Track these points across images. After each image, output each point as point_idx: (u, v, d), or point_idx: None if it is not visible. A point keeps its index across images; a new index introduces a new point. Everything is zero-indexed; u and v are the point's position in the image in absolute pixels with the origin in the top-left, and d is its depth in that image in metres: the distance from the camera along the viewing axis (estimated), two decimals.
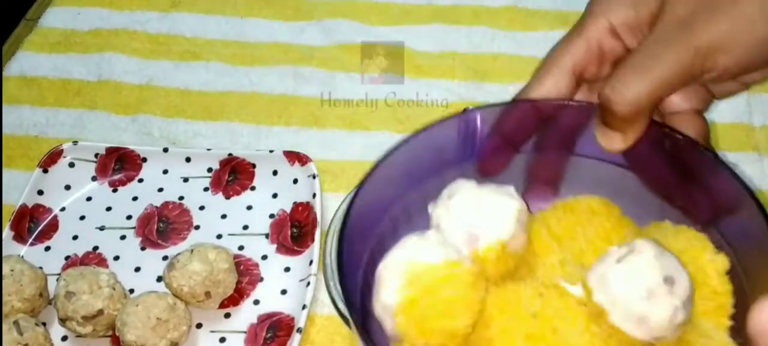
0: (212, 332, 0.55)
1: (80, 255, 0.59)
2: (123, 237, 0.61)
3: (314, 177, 0.61)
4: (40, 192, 0.62)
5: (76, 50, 0.75)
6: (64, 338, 0.55)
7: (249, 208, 0.62)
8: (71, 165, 0.63)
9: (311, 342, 0.55)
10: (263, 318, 0.56)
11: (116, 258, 0.59)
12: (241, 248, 0.60)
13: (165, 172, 0.64)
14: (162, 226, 0.61)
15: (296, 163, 0.62)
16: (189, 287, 0.54)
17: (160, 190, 0.63)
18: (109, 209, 0.62)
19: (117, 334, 0.52)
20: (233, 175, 0.64)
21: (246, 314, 0.56)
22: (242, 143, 0.67)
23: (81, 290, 0.53)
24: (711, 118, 0.67)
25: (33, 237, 0.60)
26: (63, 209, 0.62)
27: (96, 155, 0.64)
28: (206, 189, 0.63)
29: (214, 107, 0.70)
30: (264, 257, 0.59)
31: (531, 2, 0.79)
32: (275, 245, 0.60)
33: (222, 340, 0.55)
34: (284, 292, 0.57)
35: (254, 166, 0.63)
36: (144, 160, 0.64)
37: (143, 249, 0.60)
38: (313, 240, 0.57)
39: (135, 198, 0.63)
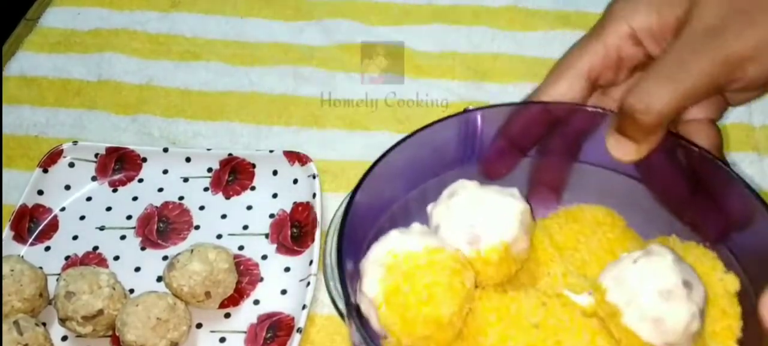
0: (212, 332, 0.55)
1: (80, 255, 0.59)
2: (123, 237, 0.61)
3: (314, 177, 0.61)
4: (40, 192, 0.62)
5: (76, 50, 0.75)
6: (64, 338, 0.55)
7: (249, 208, 0.62)
8: (71, 165, 0.63)
9: (311, 342, 0.55)
10: (263, 318, 0.56)
11: (116, 258, 0.59)
12: (241, 248, 0.60)
13: (165, 172, 0.64)
14: (162, 226, 0.61)
15: (296, 163, 0.62)
16: (189, 287, 0.54)
17: (160, 190, 0.63)
18: (109, 209, 0.62)
19: (117, 334, 0.52)
20: (233, 175, 0.64)
21: (246, 314, 0.56)
22: (242, 143, 0.67)
23: (81, 290, 0.53)
24: None
25: (33, 237, 0.60)
26: (63, 209, 0.62)
27: (96, 155, 0.64)
28: (206, 189, 0.63)
29: (214, 107, 0.70)
30: (264, 257, 0.59)
31: (531, 2, 0.79)
32: (275, 245, 0.60)
33: (222, 340, 0.55)
34: (284, 292, 0.57)
35: (254, 166, 0.63)
36: (144, 160, 0.64)
37: (143, 249, 0.60)
38: (313, 240, 0.57)
39: (135, 198, 0.63)
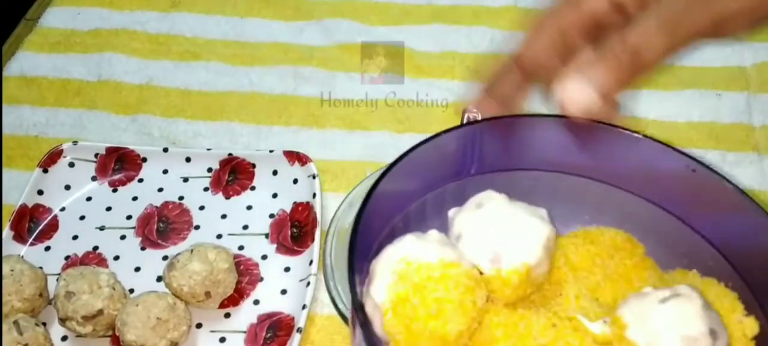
0: (212, 332, 0.55)
1: (80, 255, 0.59)
2: (123, 237, 0.61)
3: (314, 177, 0.61)
4: (40, 192, 0.62)
5: (76, 50, 0.75)
6: (64, 338, 0.55)
7: (249, 208, 0.62)
8: (71, 165, 0.63)
9: (311, 342, 0.55)
10: (263, 318, 0.56)
11: (116, 258, 0.59)
12: (241, 248, 0.60)
13: (165, 172, 0.64)
14: (162, 226, 0.61)
15: (296, 163, 0.62)
16: (189, 287, 0.54)
17: (160, 190, 0.63)
18: (109, 209, 0.62)
19: (117, 334, 0.52)
20: (233, 175, 0.64)
21: (246, 314, 0.56)
22: (242, 143, 0.67)
23: (81, 290, 0.53)
24: (711, 119, 0.68)
25: (33, 237, 0.60)
26: (63, 209, 0.62)
27: (96, 155, 0.64)
28: (206, 189, 0.63)
29: (214, 107, 0.70)
30: (264, 257, 0.59)
31: (531, 2, 0.79)
32: (275, 245, 0.60)
33: (222, 340, 0.55)
34: (284, 292, 0.57)
35: (254, 166, 0.63)
36: (144, 160, 0.64)
37: (143, 249, 0.60)
38: (313, 240, 0.57)
39: (135, 198, 0.63)
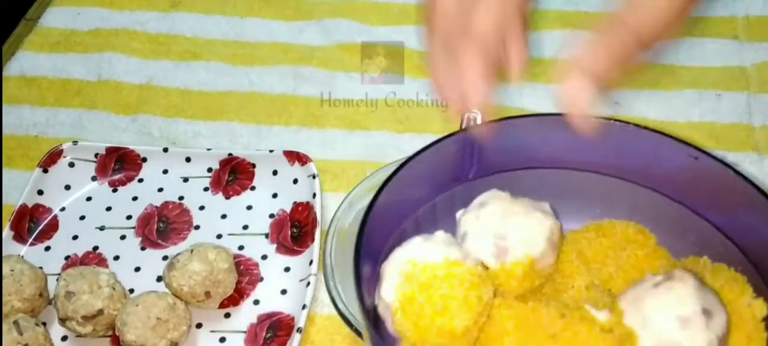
0: (212, 332, 0.55)
1: (80, 255, 0.59)
2: (123, 237, 0.61)
3: (314, 177, 0.61)
4: (40, 192, 0.62)
5: (76, 50, 0.75)
6: (64, 338, 0.55)
7: (249, 208, 0.62)
8: (71, 165, 0.63)
9: (311, 342, 0.55)
10: (263, 318, 0.56)
11: (116, 258, 0.59)
12: (241, 248, 0.60)
13: (165, 172, 0.64)
14: (162, 226, 0.61)
15: (296, 163, 0.62)
16: (189, 287, 0.53)
17: (160, 190, 0.63)
18: (109, 209, 0.62)
19: (117, 334, 0.52)
20: (233, 175, 0.64)
21: (246, 314, 0.56)
22: (242, 143, 0.67)
23: (81, 290, 0.53)
24: (711, 119, 0.68)
25: (33, 237, 0.60)
26: (63, 209, 0.62)
27: (96, 155, 0.64)
28: (206, 189, 0.63)
29: (214, 107, 0.70)
30: (264, 257, 0.59)
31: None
32: (275, 245, 0.60)
33: (222, 340, 0.55)
34: (284, 292, 0.57)
35: (254, 166, 0.63)
36: (144, 160, 0.64)
37: (143, 249, 0.60)
38: (313, 240, 0.57)
39: (135, 198, 0.63)
